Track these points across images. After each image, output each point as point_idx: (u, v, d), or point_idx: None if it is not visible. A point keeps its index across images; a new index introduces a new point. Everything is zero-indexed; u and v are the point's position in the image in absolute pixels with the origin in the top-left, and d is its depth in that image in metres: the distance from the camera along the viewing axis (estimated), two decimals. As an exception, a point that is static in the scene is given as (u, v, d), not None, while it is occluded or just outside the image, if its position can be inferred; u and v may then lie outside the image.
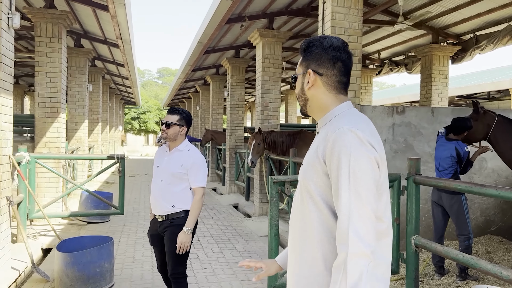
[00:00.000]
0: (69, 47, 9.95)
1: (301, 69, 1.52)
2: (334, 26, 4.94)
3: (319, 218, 1.38)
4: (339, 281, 1.25)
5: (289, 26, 9.21)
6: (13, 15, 4.25)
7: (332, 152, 1.32)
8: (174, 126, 3.18)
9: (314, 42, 1.50)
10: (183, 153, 3.20)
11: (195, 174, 3.17)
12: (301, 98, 1.53)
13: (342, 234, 1.27)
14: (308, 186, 1.40)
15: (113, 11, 6.88)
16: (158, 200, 3.18)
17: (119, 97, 24.76)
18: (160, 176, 3.21)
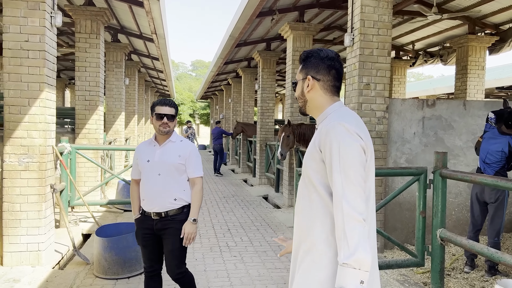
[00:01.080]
0: (107, 42, 10.34)
1: (301, 76, 1.80)
2: (363, 19, 4.94)
3: (320, 200, 1.65)
4: (343, 247, 1.50)
5: (320, 18, 9.19)
6: (55, 14, 4.52)
7: (325, 142, 1.60)
8: (174, 119, 3.07)
9: (312, 53, 1.78)
10: (177, 144, 3.07)
11: (194, 164, 3.05)
12: (301, 99, 1.80)
13: (337, 207, 1.55)
14: (308, 173, 1.68)
15: (148, 7, 7.11)
16: (158, 195, 2.97)
17: (154, 89, 25.37)
18: (156, 170, 2.99)
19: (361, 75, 4.99)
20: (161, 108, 3.01)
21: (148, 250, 3.08)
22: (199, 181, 3.07)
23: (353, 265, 1.46)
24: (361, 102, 5.01)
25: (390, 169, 4.18)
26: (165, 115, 2.99)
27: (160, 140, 3.06)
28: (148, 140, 3.15)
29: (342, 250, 1.50)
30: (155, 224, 3.00)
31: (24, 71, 4.35)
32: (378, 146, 5.08)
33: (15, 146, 4.38)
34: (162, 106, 3.01)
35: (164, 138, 3.05)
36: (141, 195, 3.06)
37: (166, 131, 2.99)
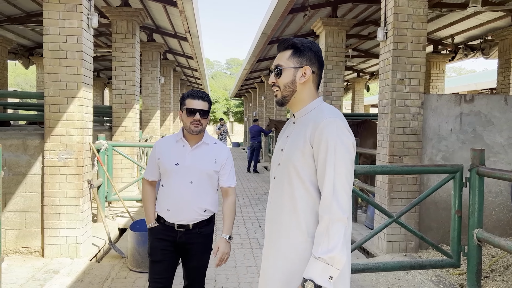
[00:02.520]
0: (143, 41, 10.59)
1: (291, 63, 1.73)
2: (397, 13, 4.81)
3: (304, 194, 1.66)
4: (322, 242, 1.55)
5: (354, 13, 9.03)
6: (92, 16, 4.68)
7: (320, 138, 1.60)
8: (208, 115, 2.59)
9: (306, 44, 1.74)
10: (212, 147, 2.62)
11: (229, 171, 2.64)
12: (288, 88, 1.74)
13: (326, 204, 1.57)
14: (296, 168, 1.66)
15: (181, 6, 7.23)
16: (188, 206, 2.53)
17: (190, 88, 25.79)
18: (187, 177, 2.53)
19: (395, 70, 4.86)
20: (192, 102, 2.53)
21: (163, 266, 2.59)
22: (233, 192, 2.67)
23: (327, 261, 1.53)
24: (394, 98, 4.89)
25: (424, 166, 4.05)
26: (197, 111, 2.51)
27: (191, 140, 2.58)
28: (173, 136, 2.65)
29: (320, 245, 1.55)
30: (179, 237, 2.56)
31: (63, 71, 4.54)
32: (412, 143, 4.94)
33: (54, 143, 4.58)
34: (194, 99, 2.53)
35: (196, 138, 2.58)
36: (164, 204, 2.57)
37: (198, 130, 2.52)
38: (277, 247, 1.73)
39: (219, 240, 2.55)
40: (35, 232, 4.65)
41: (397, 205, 4.92)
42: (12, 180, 4.60)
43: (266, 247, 1.82)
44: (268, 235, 1.81)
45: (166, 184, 2.56)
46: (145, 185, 2.69)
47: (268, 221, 1.81)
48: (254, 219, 6.88)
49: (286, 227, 1.70)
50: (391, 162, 4.91)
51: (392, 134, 4.91)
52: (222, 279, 4.20)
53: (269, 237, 1.80)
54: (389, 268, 3.57)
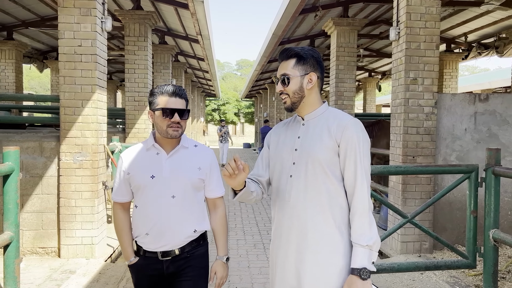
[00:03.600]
0: (155, 44, 10.68)
1: (297, 72, 1.84)
2: (410, 12, 4.78)
3: (330, 188, 1.78)
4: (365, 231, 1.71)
5: (365, 13, 8.99)
6: (105, 19, 4.74)
7: (346, 136, 1.75)
8: (188, 116, 2.11)
9: (308, 51, 1.86)
10: (192, 151, 2.14)
11: (217, 178, 2.18)
12: (297, 95, 1.85)
13: (359, 196, 1.74)
14: (321, 163, 1.78)
15: (193, 8, 7.29)
16: (172, 227, 2.05)
17: (201, 89, 25.91)
18: (168, 190, 2.04)
19: (408, 69, 4.83)
20: (169, 100, 2.02)
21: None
22: (222, 202, 2.22)
23: (371, 247, 1.70)
24: (407, 98, 4.86)
25: (439, 166, 4.02)
26: (176, 111, 2.02)
27: (167, 146, 2.09)
28: (141, 144, 2.16)
29: (363, 235, 1.71)
30: (166, 267, 2.08)
31: (77, 74, 4.61)
32: (426, 143, 4.90)
33: (70, 145, 4.65)
34: (171, 97, 2.03)
35: (171, 142, 2.09)
36: (142, 228, 2.07)
37: (178, 134, 2.05)
38: (306, 243, 1.79)
39: (216, 264, 2.14)
40: (51, 233, 4.73)
41: (411, 205, 4.89)
42: (29, 181, 4.69)
43: (285, 244, 1.85)
44: (286, 232, 1.85)
45: (141, 203, 2.07)
46: (116, 210, 2.18)
47: (287, 218, 1.84)
48: (266, 220, 6.89)
49: (313, 222, 1.79)
50: (404, 162, 4.88)
51: (405, 134, 4.88)
52: (236, 280, 4.22)
53: (287, 233, 1.84)
54: (403, 269, 3.54)
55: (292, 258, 1.83)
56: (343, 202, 1.80)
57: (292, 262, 1.83)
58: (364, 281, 1.69)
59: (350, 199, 1.78)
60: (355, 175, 1.75)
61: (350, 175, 1.76)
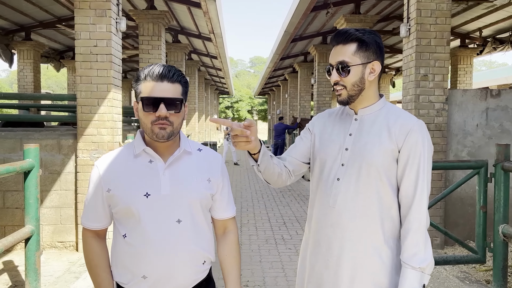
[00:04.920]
0: (168, 43, 10.83)
1: (358, 59, 1.55)
2: (420, 9, 4.79)
3: (384, 197, 1.55)
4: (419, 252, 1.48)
5: (378, 9, 8.98)
6: (120, 20, 4.87)
7: (416, 140, 1.52)
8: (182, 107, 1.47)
9: (371, 36, 1.57)
10: (198, 157, 1.58)
11: (228, 193, 1.64)
12: (357, 87, 1.56)
13: (417, 211, 1.51)
14: (378, 168, 1.54)
15: (205, 7, 7.39)
16: (182, 263, 1.48)
17: (214, 87, 26.07)
18: (170, 213, 1.47)
19: (418, 66, 4.85)
20: (154, 87, 1.42)
21: None
22: (234, 225, 1.68)
23: (424, 270, 1.47)
24: (418, 94, 4.87)
25: (448, 162, 4.04)
26: (162, 101, 1.41)
27: (163, 151, 1.51)
28: (125, 148, 1.56)
29: (417, 255, 1.47)
30: None
31: (93, 74, 4.74)
32: (437, 139, 4.91)
33: (86, 143, 4.79)
34: (156, 82, 1.42)
35: (168, 146, 1.51)
36: (135, 269, 1.46)
37: (166, 134, 1.44)
38: (348, 256, 1.57)
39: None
40: (69, 228, 4.89)
41: (422, 201, 4.91)
42: (48, 178, 4.85)
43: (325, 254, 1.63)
44: (326, 241, 1.62)
45: (132, 232, 1.47)
46: (88, 239, 1.56)
47: (329, 226, 1.62)
48: (278, 216, 6.97)
49: (363, 232, 1.56)
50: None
51: (416, 130, 4.89)
52: (247, 274, 4.31)
53: (328, 243, 1.62)
54: (412, 263, 3.59)
55: (331, 271, 1.60)
56: (394, 214, 1.57)
57: (331, 276, 1.61)
58: None
59: (405, 212, 1.53)
60: (415, 186, 1.51)
61: (410, 185, 1.52)
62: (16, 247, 4.81)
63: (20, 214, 4.78)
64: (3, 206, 4.82)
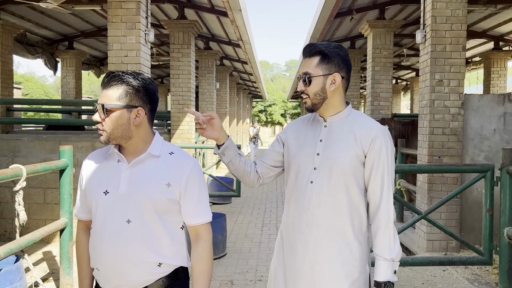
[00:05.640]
0: (200, 49, 11.28)
1: (320, 71, 1.70)
2: (435, 16, 4.89)
3: (353, 197, 1.71)
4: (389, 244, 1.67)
5: (405, 14, 8.99)
6: (148, 32, 5.27)
7: (374, 145, 1.68)
8: (115, 111, 1.52)
9: (334, 49, 1.72)
10: (164, 161, 1.60)
11: (197, 199, 1.62)
12: (319, 96, 1.72)
13: (384, 208, 1.69)
14: (345, 171, 1.69)
15: (232, 16, 7.72)
16: (124, 262, 1.53)
17: (247, 91, 26.48)
18: (122, 212, 1.55)
19: (433, 71, 4.94)
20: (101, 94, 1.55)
21: None
22: (206, 232, 1.65)
23: (394, 259, 1.66)
24: (433, 99, 4.96)
25: (454, 165, 4.13)
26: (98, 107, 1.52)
27: (129, 152, 1.60)
28: (107, 148, 1.66)
29: (387, 247, 1.66)
30: None
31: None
32: (452, 143, 4.97)
33: (118, 145, 5.21)
34: (103, 90, 1.54)
35: (134, 148, 1.59)
36: (93, 260, 1.61)
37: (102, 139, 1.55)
38: (323, 252, 1.72)
39: None
40: (102, 223, 5.32)
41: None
42: (83, 177, 5.30)
43: (302, 251, 1.76)
44: (303, 239, 1.75)
45: (93, 226, 1.61)
46: (79, 230, 1.74)
47: (305, 225, 1.75)
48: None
49: (336, 230, 1.72)
50: (430, 162, 4.98)
51: (431, 134, 4.98)
52: (263, 269, 4.56)
53: (304, 241, 1.75)
54: (417, 263, 3.72)
55: (308, 267, 1.74)
56: (362, 212, 1.74)
57: (307, 271, 1.74)
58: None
59: (375, 210, 1.70)
60: (381, 187, 1.68)
61: (377, 187, 1.69)
62: (54, 239, 5.29)
63: (58, 209, 5.25)
64: (43, 202, 5.32)
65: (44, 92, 36.71)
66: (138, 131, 1.57)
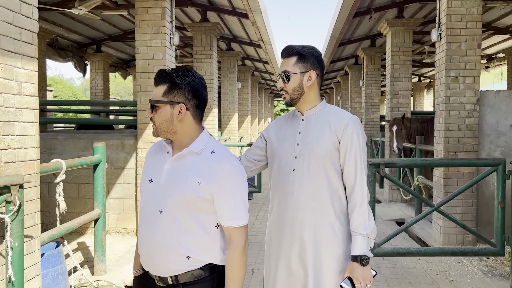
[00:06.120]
0: (222, 50, 11.57)
1: (297, 69, 1.91)
2: (450, 14, 5.00)
3: (332, 180, 1.90)
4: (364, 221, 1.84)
5: (424, 12, 9.03)
6: (173, 35, 5.56)
7: (346, 133, 1.87)
8: (162, 107, 1.63)
9: (309, 50, 1.93)
10: (203, 159, 1.64)
11: (232, 202, 1.62)
12: (296, 92, 1.93)
13: (359, 188, 1.87)
14: (323, 157, 1.89)
15: (252, 18, 7.97)
16: (159, 248, 1.63)
17: (268, 91, 26.71)
18: (158, 202, 1.64)
19: (448, 69, 5.05)
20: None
21: None
22: (239, 236, 1.64)
23: (369, 235, 1.83)
24: (448, 96, 5.07)
25: (465, 159, 4.24)
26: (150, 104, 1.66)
27: (176, 146, 1.71)
28: (162, 140, 1.76)
29: (362, 224, 1.83)
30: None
31: (151, 83, 5.47)
32: (468, 139, 5.07)
33: (145, 142, 5.53)
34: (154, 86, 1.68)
35: (179, 143, 1.69)
36: (138, 245, 1.75)
37: (153, 133, 1.70)
38: (309, 233, 1.89)
39: None
40: (130, 216, 5.66)
41: (453, 199, 5.08)
42: (113, 173, 5.65)
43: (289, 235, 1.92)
44: (290, 223, 1.92)
45: (139, 211, 1.76)
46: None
47: (290, 210, 1.92)
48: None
49: (318, 212, 1.89)
50: (446, 158, 5.09)
51: (446, 130, 5.09)
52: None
53: (291, 225, 1.92)
54: (430, 253, 3.86)
55: (296, 248, 1.91)
56: (341, 194, 1.91)
57: (296, 252, 1.91)
58: (364, 267, 1.81)
59: (350, 191, 1.88)
60: (355, 169, 1.85)
61: (351, 169, 1.86)
62: (87, 231, 5.66)
63: (90, 203, 5.62)
64: (77, 196, 5.70)
65: (72, 93, 37.92)
66: (182, 126, 1.64)
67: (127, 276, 4.10)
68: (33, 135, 2.64)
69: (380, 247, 3.84)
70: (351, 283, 1.82)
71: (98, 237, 4.12)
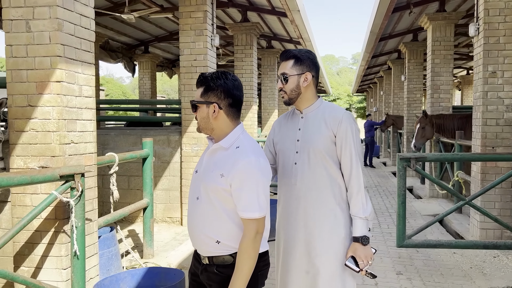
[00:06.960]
0: (262, 48, 11.84)
1: (294, 71, 2.10)
2: (487, 9, 4.97)
3: (331, 171, 2.10)
4: (362, 205, 2.06)
5: (467, 5, 8.84)
6: (214, 37, 5.89)
7: (341, 127, 2.06)
8: (200, 106, 1.85)
9: (305, 53, 2.13)
10: (228, 154, 1.82)
11: (244, 193, 1.75)
12: (295, 92, 2.11)
13: (356, 177, 2.06)
14: (322, 151, 2.08)
15: (291, 17, 8.16)
16: (194, 231, 1.88)
17: (311, 86, 26.67)
18: (195, 190, 1.90)
19: (486, 63, 5.03)
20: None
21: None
22: (251, 227, 1.75)
23: (368, 218, 2.04)
24: (486, 91, 5.05)
25: (497, 154, 4.25)
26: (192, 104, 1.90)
27: (215, 141, 1.93)
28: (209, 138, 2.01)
29: (362, 208, 2.04)
30: (201, 272, 1.91)
31: (193, 83, 5.84)
32: (507, 134, 5.03)
33: (189, 138, 5.92)
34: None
35: (217, 139, 1.91)
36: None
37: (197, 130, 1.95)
38: (312, 220, 2.09)
39: None
40: (176, 206, 6.08)
41: (491, 194, 5.06)
42: (160, 166, 6.09)
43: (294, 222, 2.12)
44: (294, 212, 2.12)
45: None
46: None
47: (294, 200, 2.12)
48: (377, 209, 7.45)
49: (320, 200, 2.08)
50: (483, 152, 5.07)
51: (484, 125, 5.08)
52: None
53: (295, 213, 2.12)
54: (461, 246, 3.94)
55: (301, 233, 2.10)
56: (341, 182, 2.10)
57: (302, 237, 2.10)
58: (365, 246, 2.03)
59: (348, 179, 2.07)
60: (351, 160, 2.05)
61: (347, 160, 2.05)
62: (136, 220, 6.14)
63: (140, 194, 6.08)
64: (128, 187, 6.19)
65: (122, 92, 39.70)
66: (217, 123, 1.85)
67: (173, 260, 4.48)
68: (91, 131, 3.03)
69: (411, 238, 3.96)
70: (354, 261, 2.04)
71: (146, 224, 4.52)
